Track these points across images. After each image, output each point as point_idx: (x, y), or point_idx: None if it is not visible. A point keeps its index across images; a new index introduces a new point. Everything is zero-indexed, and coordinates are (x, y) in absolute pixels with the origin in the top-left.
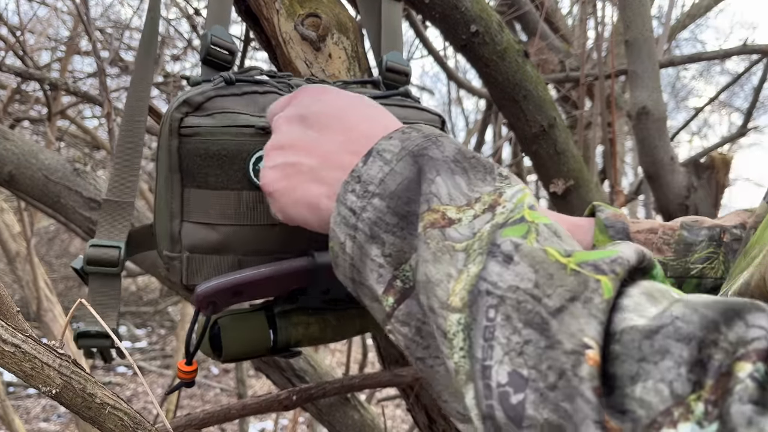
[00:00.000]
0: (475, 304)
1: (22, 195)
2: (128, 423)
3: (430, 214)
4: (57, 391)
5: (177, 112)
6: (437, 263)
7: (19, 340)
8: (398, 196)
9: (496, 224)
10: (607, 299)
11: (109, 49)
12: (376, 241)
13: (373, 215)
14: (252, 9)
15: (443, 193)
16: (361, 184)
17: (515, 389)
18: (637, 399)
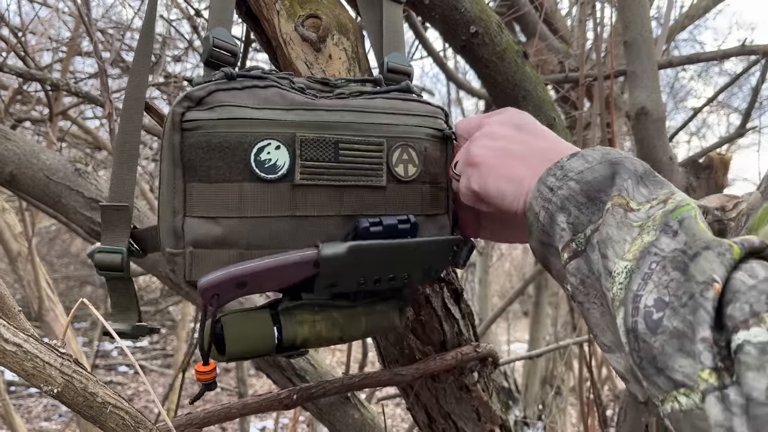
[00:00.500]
0: (643, 259)
1: (23, 195)
2: (130, 422)
3: (619, 198)
4: (58, 391)
5: (179, 107)
6: (619, 229)
7: (21, 339)
8: (591, 184)
9: (667, 210)
10: (735, 258)
11: (110, 49)
12: (564, 211)
13: (566, 192)
14: (252, 10)
15: (631, 191)
16: (562, 170)
17: (657, 309)
18: (727, 315)
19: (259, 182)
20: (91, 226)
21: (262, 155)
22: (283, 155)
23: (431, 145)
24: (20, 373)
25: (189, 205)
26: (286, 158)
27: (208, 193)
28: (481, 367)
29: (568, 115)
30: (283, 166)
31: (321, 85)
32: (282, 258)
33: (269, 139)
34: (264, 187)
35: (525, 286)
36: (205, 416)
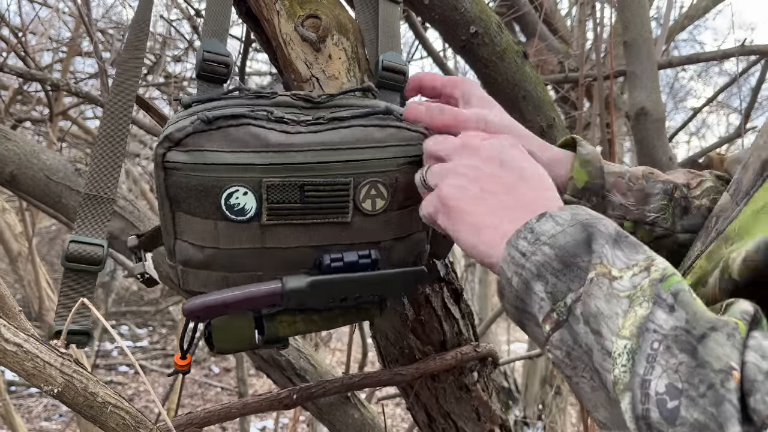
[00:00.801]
0: (642, 336)
1: (23, 195)
2: (130, 422)
3: (600, 266)
4: (59, 390)
5: (160, 147)
6: (608, 303)
7: (21, 339)
8: (566, 249)
9: (654, 279)
10: (743, 337)
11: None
12: (541, 279)
13: (541, 258)
14: (252, 10)
15: (610, 257)
16: (533, 234)
17: (671, 397)
18: (751, 408)
19: (231, 222)
20: None
21: (231, 200)
22: (251, 200)
23: (406, 172)
24: (21, 373)
25: (178, 230)
26: (253, 203)
27: (191, 223)
28: (481, 366)
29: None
30: (251, 210)
31: (303, 102)
32: (249, 291)
33: (237, 185)
34: (236, 225)
35: None
36: (205, 416)
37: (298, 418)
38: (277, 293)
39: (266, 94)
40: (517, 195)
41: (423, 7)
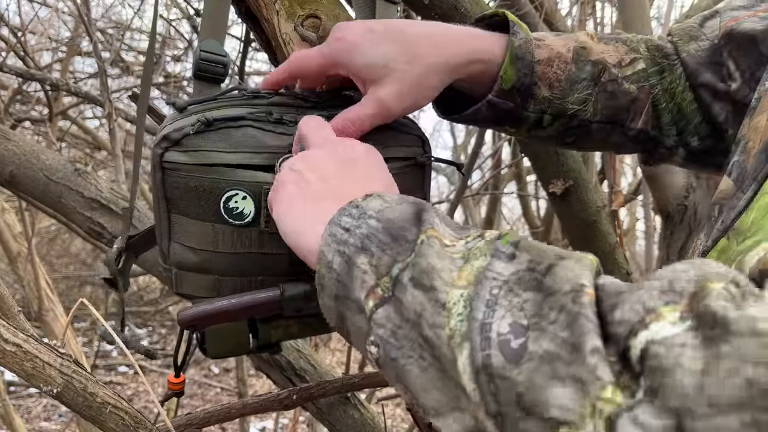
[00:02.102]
0: (480, 283)
1: (23, 195)
2: (129, 422)
3: (432, 230)
4: (58, 391)
5: (158, 147)
6: (441, 259)
7: (21, 339)
8: (394, 222)
9: (491, 238)
10: (594, 265)
11: (110, 49)
12: (366, 252)
13: (366, 230)
14: (252, 10)
15: (440, 228)
16: (358, 209)
17: (515, 335)
18: (617, 321)
19: (229, 225)
20: (90, 226)
21: (230, 203)
22: (249, 205)
23: (403, 174)
24: (20, 373)
25: (173, 232)
26: (252, 208)
27: (187, 225)
28: None
29: None
30: (249, 214)
31: (302, 101)
32: (248, 299)
33: (237, 189)
34: (233, 229)
35: None
36: (205, 416)
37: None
38: (277, 301)
39: (263, 94)
40: (347, 184)
41: (422, 6)
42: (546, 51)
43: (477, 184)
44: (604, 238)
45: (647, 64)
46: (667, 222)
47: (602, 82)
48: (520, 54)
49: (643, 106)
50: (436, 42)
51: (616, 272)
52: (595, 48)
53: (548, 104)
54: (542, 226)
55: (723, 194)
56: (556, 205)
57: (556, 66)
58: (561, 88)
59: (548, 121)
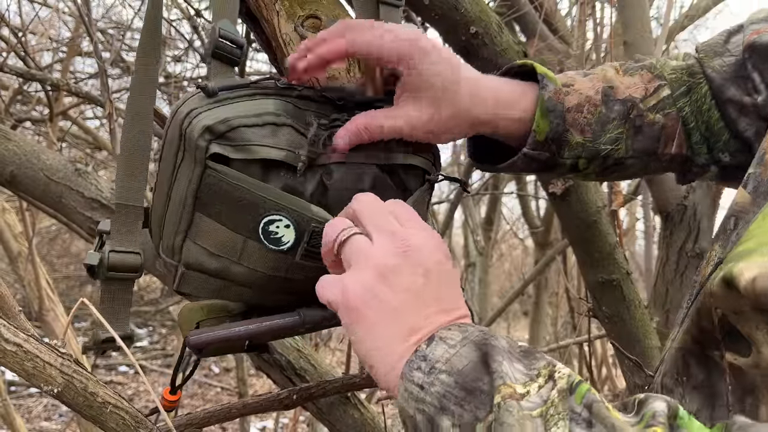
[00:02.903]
0: None
1: (23, 195)
2: (130, 422)
3: (505, 387)
4: (59, 390)
5: (201, 139)
6: (522, 428)
7: (21, 339)
8: (465, 374)
9: (562, 389)
10: None
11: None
12: (446, 412)
13: (441, 389)
14: (252, 11)
15: (511, 374)
16: (426, 362)
17: None
18: None
19: (262, 245)
20: (91, 226)
21: (271, 227)
22: (291, 234)
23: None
24: (20, 373)
25: (192, 231)
26: (292, 237)
27: (214, 230)
28: None
29: None
30: (288, 243)
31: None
32: (268, 324)
33: (282, 216)
34: (265, 251)
35: (525, 286)
36: (205, 416)
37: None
38: (297, 325)
39: (294, 86)
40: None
41: (423, 6)
42: (575, 97)
43: (477, 184)
44: (604, 238)
45: (673, 88)
46: (666, 222)
47: (631, 118)
48: (551, 106)
49: (673, 132)
50: (466, 90)
51: (616, 272)
52: (621, 86)
53: (582, 148)
54: (542, 226)
55: (739, 206)
56: (556, 205)
57: (586, 111)
58: (592, 130)
59: (584, 165)
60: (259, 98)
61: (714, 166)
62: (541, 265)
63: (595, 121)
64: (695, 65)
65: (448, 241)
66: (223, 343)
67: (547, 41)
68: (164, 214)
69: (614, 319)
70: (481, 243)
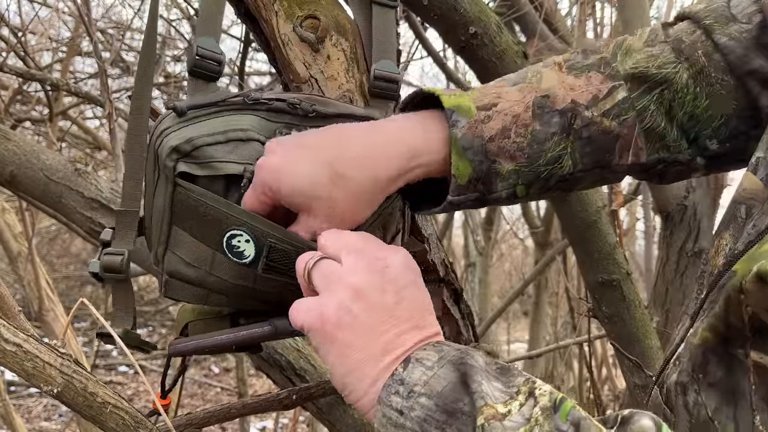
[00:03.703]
0: None
1: (23, 195)
2: (129, 422)
3: (487, 408)
4: (58, 391)
5: (169, 159)
6: None
7: (21, 339)
8: (445, 396)
9: (545, 407)
10: None
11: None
12: None
13: (421, 413)
14: (251, 11)
15: (489, 393)
16: (404, 386)
17: None
18: None
19: (225, 256)
20: (91, 226)
21: (233, 241)
22: (251, 249)
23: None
24: (20, 373)
25: (171, 243)
26: (252, 252)
27: (188, 242)
28: None
29: None
30: (249, 257)
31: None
32: (240, 334)
33: (243, 231)
34: (231, 262)
35: (525, 286)
36: (205, 416)
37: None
38: (270, 335)
39: (263, 100)
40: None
41: (422, 7)
42: (498, 121)
43: None
44: (604, 238)
45: (631, 89)
46: (666, 222)
47: (575, 129)
48: (467, 144)
49: (629, 141)
50: (364, 156)
51: (615, 272)
52: (560, 92)
53: (516, 175)
54: (542, 226)
55: (748, 193)
56: (556, 205)
57: (514, 134)
58: (526, 154)
59: (522, 192)
60: (229, 114)
61: (700, 158)
62: (541, 265)
63: (528, 144)
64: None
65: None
66: (200, 351)
67: (547, 41)
68: (151, 224)
69: (614, 319)
70: (481, 243)
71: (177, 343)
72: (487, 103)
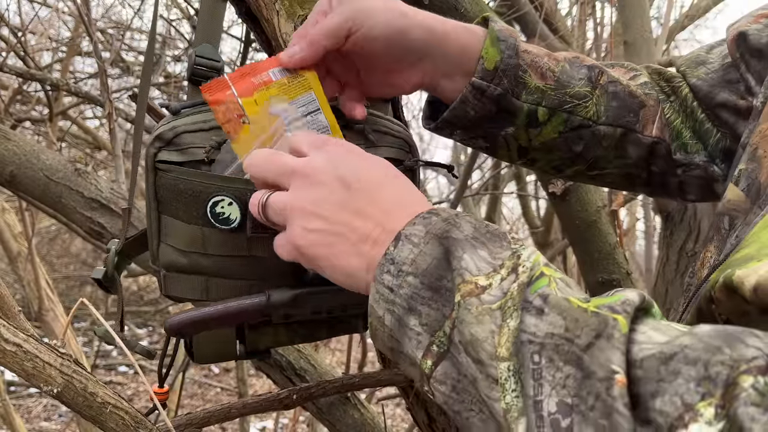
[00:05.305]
0: (520, 352)
1: (23, 195)
2: (129, 422)
3: (464, 285)
4: (58, 391)
5: (152, 147)
6: (480, 324)
7: (21, 339)
8: (430, 273)
9: (522, 283)
10: (624, 333)
11: (110, 49)
12: (414, 312)
13: (409, 291)
14: (252, 10)
15: (472, 267)
16: (395, 265)
17: (563, 415)
18: (657, 410)
19: (213, 228)
20: (90, 226)
21: (217, 209)
22: (235, 211)
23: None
24: (20, 373)
25: (163, 234)
26: (237, 214)
27: (177, 228)
28: None
29: None
30: (236, 220)
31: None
32: (234, 305)
33: (223, 195)
34: (221, 233)
35: None
36: (205, 416)
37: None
38: (263, 307)
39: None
40: (371, 222)
41: (422, 7)
42: (534, 48)
43: (477, 183)
44: (604, 238)
45: (650, 79)
46: (667, 222)
47: (601, 84)
48: (502, 36)
49: (654, 113)
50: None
51: (616, 272)
52: (588, 59)
53: (541, 95)
54: (542, 226)
55: (732, 204)
56: (556, 205)
57: (547, 59)
58: (555, 78)
59: (543, 116)
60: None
61: (716, 167)
62: None
63: (559, 71)
64: (672, 72)
65: None
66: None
67: (547, 41)
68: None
69: None
70: None
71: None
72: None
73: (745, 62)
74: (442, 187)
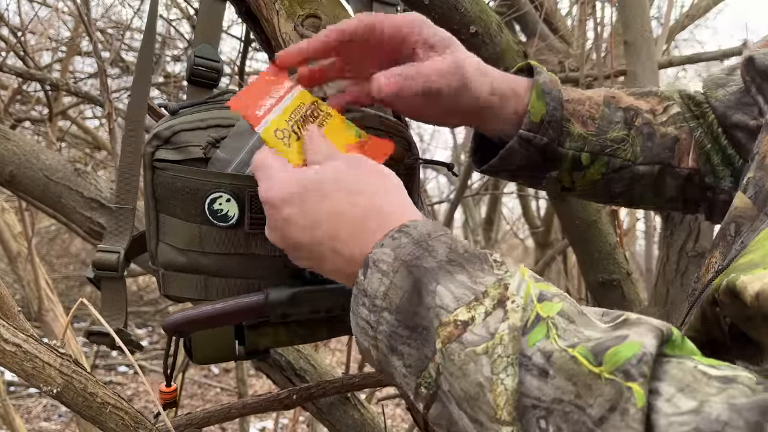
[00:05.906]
0: (525, 417)
1: (23, 195)
2: (129, 422)
3: (443, 328)
4: (58, 391)
5: (149, 146)
6: (466, 377)
7: (21, 339)
8: (404, 309)
9: (514, 327)
10: (641, 408)
11: (109, 49)
12: (396, 353)
13: (387, 329)
14: (252, 10)
15: (448, 300)
16: (368, 298)
17: None
18: None
19: (215, 227)
20: (90, 226)
21: (215, 206)
22: (233, 207)
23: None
24: (20, 373)
25: (161, 233)
26: (236, 210)
27: (174, 226)
28: None
29: None
30: (233, 217)
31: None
32: (232, 304)
33: (221, 192)
34: (219, 230)
35: None
36: (205, 416)
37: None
38: (261, 306)
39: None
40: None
41: (422, 6)
42: (575, 93)
43: (477, 183)
44: (604, 238)
45: (682, 108)
46: (667, 222)
47: (636, 126)
48: (547, 89)
49: (688, 145)
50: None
51: (616, 272)
52: (624, 98)
53: (584, 142)
54: (542, 226)
55: (739, 212)
56: (556, 205)
57: (588, 105)
58: (596, 125)
59: (587, 160)
60: (218, 110)
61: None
62: (541, 265)
63: (599, 117)
64: (701, 97)
65: None
66: (195, 323)
67: (547, 41)
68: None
69: None
70: (481, 243)
71: (167, 319)
72: (564, 87)
73: (756, 85)
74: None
